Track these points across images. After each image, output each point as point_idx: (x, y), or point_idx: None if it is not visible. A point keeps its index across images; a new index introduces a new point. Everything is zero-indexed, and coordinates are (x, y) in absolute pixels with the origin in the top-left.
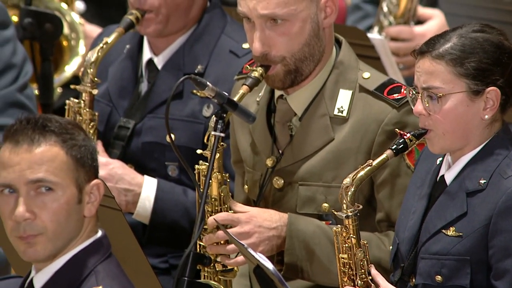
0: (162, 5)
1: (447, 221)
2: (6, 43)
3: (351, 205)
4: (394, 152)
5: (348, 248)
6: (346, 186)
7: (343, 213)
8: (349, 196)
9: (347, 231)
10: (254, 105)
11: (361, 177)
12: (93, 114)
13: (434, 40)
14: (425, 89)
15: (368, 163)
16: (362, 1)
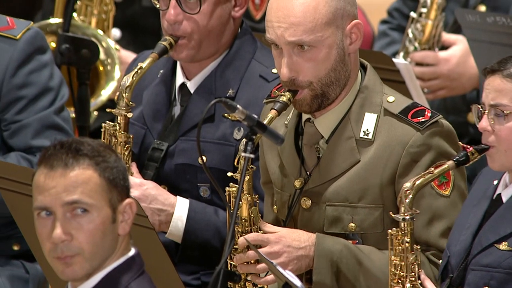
0: (194, 32)
1: (500, 235)
2: (44, 68)
3: (409, 209)
4: (456, 163)
5: (402, 250)
6: (406, 190)
7: (400, 216)
8: (408, 200)
9: (403, 234)
10: (282, 128)
11: (421, 183)
12: (128, 136)
13: (506, 59)
14: (493, 106)
15: (429, 171)
16: (389, 28)
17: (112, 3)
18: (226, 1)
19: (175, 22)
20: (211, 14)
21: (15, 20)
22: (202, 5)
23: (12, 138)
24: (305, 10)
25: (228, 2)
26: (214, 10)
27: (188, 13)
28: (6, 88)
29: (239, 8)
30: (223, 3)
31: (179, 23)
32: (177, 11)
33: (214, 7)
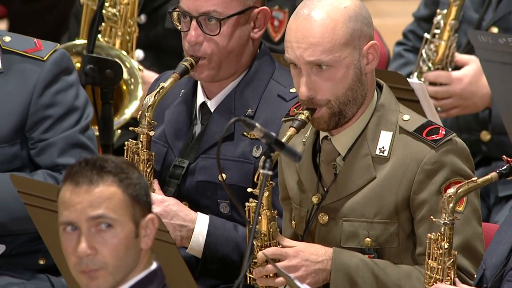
0: (214, 53)
1: None
2: (70, 88)
3: (451, 214)
4: (499, 175)
5: (440, 254)
6: (449, 195)
7: (442, 220)
8: (452, 205)
9: (442, 238)
10: (300, 145)
11: (465, 190)
12: (150, 154)
13: None
14: None
15: (472, 180)
16: (404, 49)
17: (135, 25)
18: (245, 23)
19: (196, 43)
20: (231, 35)
21: (42, 42)
22: (222, 27)
23: (39, 156)
24: (324, 31)
25: (247, 24)
26: (234, 32)
27: (209, 34)
28: (34, 108)
29: (258, 29)
30: (242, 25)
31: (199, 44)
32: (198, 32)
33: (233, 29)
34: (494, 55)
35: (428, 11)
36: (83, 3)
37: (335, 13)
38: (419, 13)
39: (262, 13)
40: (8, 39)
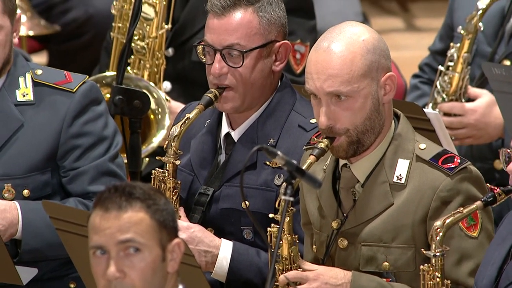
0: (238, 84)
1: None
2: (98, 118)
3: (440, 246)
4: (484, 203)
5: (433, 285)
6: (437, 228)
7: (431, 252)
8: (439, 238)
9: (434, 269)
10: (321, 173)
11: (451, 222)
12: (176, 182)
13: None
14: None
15: (458, 210)
16: (419, 81)
17: (163, 58)
18: (267, 56)
19: (220, 75)
20: (253, 68)
21: (72, 74)
22: (245, 59)
23: (70, 184)
24: (343, 63)
25: (269, 57)
26: (256, 64)
27: (232, 66)
28: (64, 138)
29: (279, 62)
30: (264, 58)
31: (224, 76)
32: (222, 65)
33: (256, 62)
34: (507, 86)
35: (443, 45)
36: (113, 36)
37: (353, 46)
38: (434, 46)
39: (284, 46)
40: (40, 72)
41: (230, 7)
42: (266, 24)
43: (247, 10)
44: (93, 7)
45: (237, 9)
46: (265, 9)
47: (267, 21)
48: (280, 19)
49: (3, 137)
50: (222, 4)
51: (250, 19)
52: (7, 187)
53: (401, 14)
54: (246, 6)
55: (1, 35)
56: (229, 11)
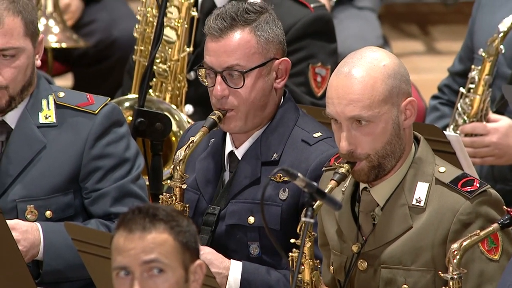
0: (240, 104)
1: None
2: (120, 140)
3: (457, 269)
4: (501, 226)
5: None
6: (454, 251)
7: (449, 275)
8: (456, 261)
9: None
10: (339, 195)
11: (468, 245)
12: (184, 206)
13: None
14: None
15: (475, 233)
16: (439, 103)
17: (184, 80)
18: (267, 74)
19: (222, 97)
20: (254, 87)
21: (94, 96)
22: (245, 79)
23: (92, 205)
24: (363, 88)
25: (269, 75)
26: (257, 83)
27: (233, 87)
28: (86, 159)
29: (281, 79)
30: (265, 76)
31: (225, 97)
32: (223, 86)
33: (256, 81)
34: None
35: (462, 67)
36: (135, 59)
37: (374, 71)
38: (454, 68)
39: (283, 63)
40: (62, 94)
41: (228, 28)
42: (264, 42)
43: (245, 30)
44: (118, 30)
45: (234, 30)
46: (262, 28)
47: (265, 40)
48: (278, 36)
49: (26, 158)
50: (219, 26)
51: (248, 39)
52: (30, 208)
53: (421, 37)
54: (243, 27)
55: (23, 57)
56: (226, 32)
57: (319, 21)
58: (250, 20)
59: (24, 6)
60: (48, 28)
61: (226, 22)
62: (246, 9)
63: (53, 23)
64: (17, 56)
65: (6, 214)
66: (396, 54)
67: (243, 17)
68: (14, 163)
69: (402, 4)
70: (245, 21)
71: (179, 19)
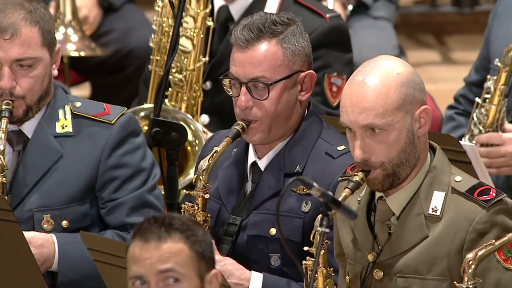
0: (264, 116)
1: None
2: (137, 150)
3: (472, 278)
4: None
5: None
6: (469, 260)
7: (464, 285)
8: (471, 270)
9: None
10: (355, 204)
11: (483, 254)
12: (206, 215)
13: None
14: None
15: (491, 243)
16: (455, 113)
17: (200, 90)
18: (292, 87)
19: (246, 108)
20: (279, 99)
21: (111, 106)
22: (270, 91)
23: (108, 215)
24: (377, 96)
25: (294, 88)
26: (282, 96)
27: (258, 99)
28: (102, 169)
29: (305, 92)
30: (289, 88)
31: (250, 108)
32: (247, 97)
33: (281, 93)
34: None
35: (478, 76)
36: (151, 69)
37: (388, 79)
38: (470, 78)
39: (309, 76)
40: (79, 104)
41: (254, 39)
42: (290, 55)
43: (271, 42)
44: (135, 40)
45: (261, 42)
46: (289, 40)
47: (291, 52)
48: (304, 49)
49: (43, 168)
50: (246, 37)
51: (274, 51)
52: (46, 218)
53: (437, 47)
54: (270, 38)
55: (40, 67)
56: (253, 44)
57: (334, 31)
58: (277, 32)
59: (41, 16)
60: (67, 37)
61: (253, 33)
62: (274, 20)
63: (72, 31)
64: (34, 66)
65: (23, 224)
66: (411, 64)
67: (270, 29)
68: (31, 172)
69: (418, 14)
70: (272, 32)
71: (195, 29)
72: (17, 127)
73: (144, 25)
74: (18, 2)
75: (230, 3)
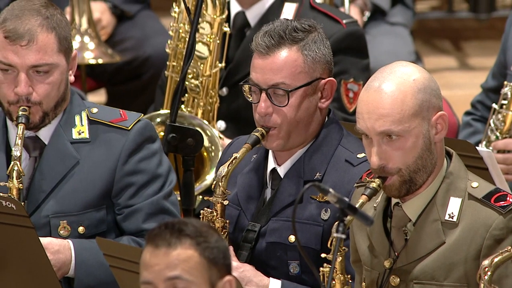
0: (284, 123)
1: None
2: (153, 156)
3: (488, 285)
4: None
5: None
6: (485, 267)
7: None
8: (487, 277)
9: None
10: (371, 210)
11: (499, 261)
12: (225, 222)
13: None
14: None
15: (507, 249)
16: (472, 119)
17: (216, 96)
18: (313, 94)
19: (266, 115)
20: (299, 106)
21: (127, 112)
22: (290, 98)
23: (125, 221)
24: (393, 103)
25: (314, 95)
26: (302, 103)
27: (278, 106)
28: (119, 175)
29: (325, 99)
30: (310, 95)
31: (269, 115)
32: (267, 104)
33: (301, 100)
34: None
35: (495, 82)
36: (167, 75)
37: (404, 86)
38: (487, 84)
39: (329, 84)
40: (95, 110)
41: (275, 46)
42: (311, 62)
43: (292, 49)
44: (151, 47)
45: (281, 48)
46: (310, 47)
47: (312, 59)
48: (325, 56)
49: (59, 174)
50: (267, 44)
51: (295, 58)
52: (62, 224)
53: (454, 53)
54: (291, 45)
55: (57, 73)
56: (273, 50)
57: (351, 36)
58: (298, 38)
59: (58, 22)
60: (84, 45)
61: (274, 39)
62: (295, 27)
63: (88, 39)
64: (50, 72)
65: (39, 230)
66: (428, 70)
67: (291, 36)
68: (48, 178)
69: (435, 19)
70: (293, 39)
71: (211, 35)
72: (34, 133)
73: (160, 33)
74: (35, 8)
75: (247, 9)
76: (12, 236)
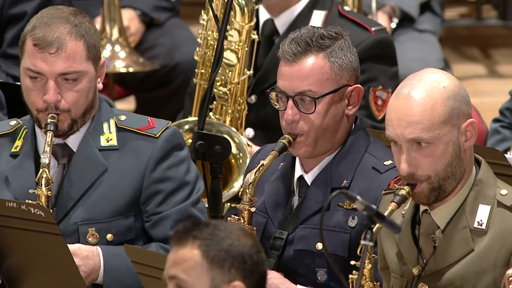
0: (311, 130)
1: None
2: (181, 163)
3: None
4: None
5: None
6: (509, 276)
7: None
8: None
9: None
10: (399, 218)
11: None
12: (252, 229)
13: None
14: None
15: None
16: (500, 126)
17: (245, 103)
18: (339, 101)
19: (293, 122)
20: (326, 113)
21: (155, 119)
22: (317, 105)
23: (153, 229)
24: (423, 110)
25: (341, 102)
26: (329, 110)
27: (304, 113)
28: (147, 182)
29: (352, 106)
30: (336, 102)
31: (296, 122)
32: (294, 111)
33: (328, 107)
34: None
35: None
36: (196, 82)
37: (434, 93)
38: None
39: (356, 91)
40: (124, 117)
41: (302, 53)
42: (337, 69)
43: (318, 56)
44: (180, 55)
45: (308, 56)
46: (337, 54)
47: (339, 66)
48: (351, 63)
49: (88, 181)
50: (293, 51)
51: (322, 65)
52: (91, 231)
53: (482, 60)
54: (317, 52)
55: (85, 81)
56: (300, 57)
57: (380, 44)
58: (325, 46)
59: (87, 30)
60: (115, 54)
61: (301, 47)
62: (322, 34)
63: (119, 48)
64: (79, 79)
65: (68, 237)
66: (457, 77)
67: (318, 43)
68: (76, 186)
69: (463, 27)
70: (320, 46)
71: (240, 42)
72: (62, 141)
73: (189, 40)
74: (64, 16)
75: (276, 16)
76: (41, 243)
